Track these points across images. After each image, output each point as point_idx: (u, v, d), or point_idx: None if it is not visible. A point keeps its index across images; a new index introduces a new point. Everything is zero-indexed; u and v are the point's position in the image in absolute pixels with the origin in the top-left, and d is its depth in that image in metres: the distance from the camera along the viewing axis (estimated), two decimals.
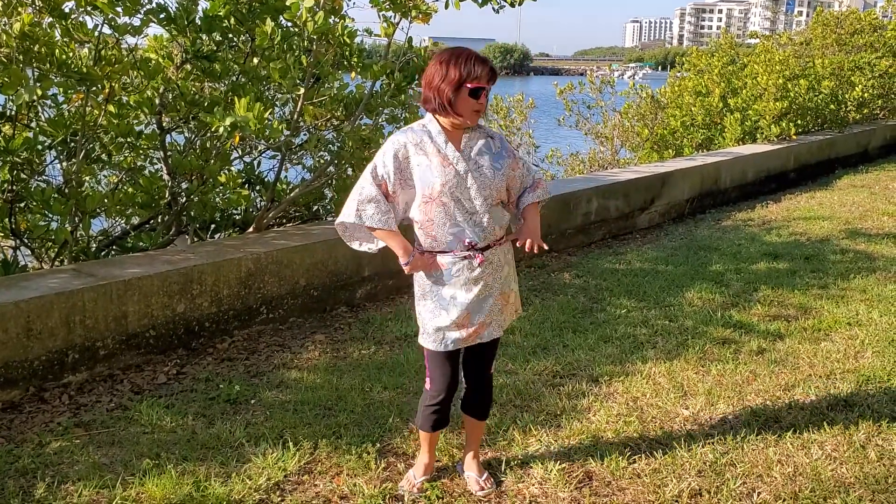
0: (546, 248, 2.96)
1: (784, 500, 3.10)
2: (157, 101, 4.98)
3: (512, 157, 2.96)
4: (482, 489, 3.16)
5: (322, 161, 5.98)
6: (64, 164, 4.95)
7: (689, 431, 3.65)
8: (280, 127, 4.74)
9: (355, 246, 3.02)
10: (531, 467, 3.32)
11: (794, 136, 10.48)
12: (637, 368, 4.32)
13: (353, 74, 5.41)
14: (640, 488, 3.18)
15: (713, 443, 3.53)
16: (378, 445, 3.47)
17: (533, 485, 3.21)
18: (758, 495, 3.14)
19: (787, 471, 3.31)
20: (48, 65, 4.29)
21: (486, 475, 3.22)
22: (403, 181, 2.83)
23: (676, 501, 3.10)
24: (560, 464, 3.32)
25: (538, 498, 3.13)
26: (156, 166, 5.50)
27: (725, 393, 4.03)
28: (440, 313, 2.92)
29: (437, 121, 2.84)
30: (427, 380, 3.05)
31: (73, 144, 4.74)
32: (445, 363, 2.99)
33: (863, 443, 3.54)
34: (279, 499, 3.08)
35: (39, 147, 4.66)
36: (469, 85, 2.73)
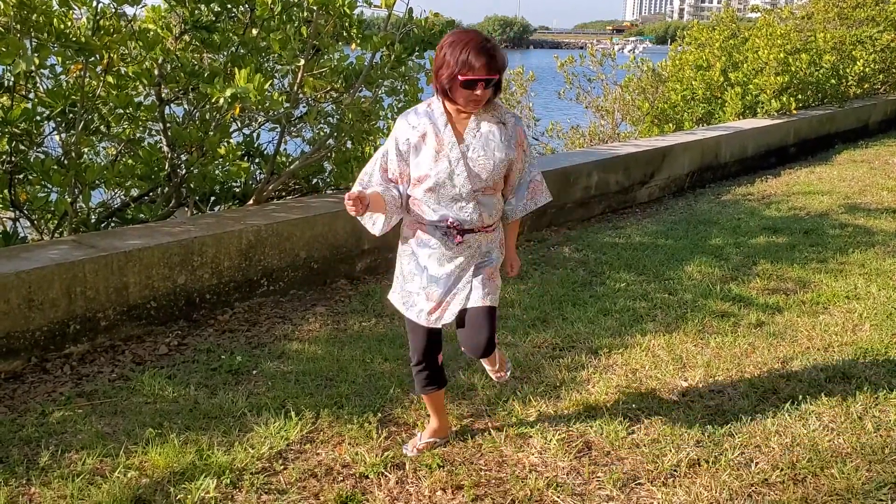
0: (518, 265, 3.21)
1: (782, 469, 3.14)
2: (156, 72, 4.95)
3: (521, 150, 2.90)
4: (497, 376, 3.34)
5: (321, 133, 5.95)
6: (63, 135, 4.92)
7: (687, 403, 3.68)
8: (280, 98, 4.71)
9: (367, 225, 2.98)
10: (531, 437, 3.35)
11: (795, 111, 10.43)
12: (636, 341, 4.35)
13: (353, 46, 5.36)
14: (638, 458, 3.22)
15: (711, 414, 3.56)
16: (379, 415, 3.50)
17: (532, 454, 3.24)
18: (755, 465, 3.18)
19: (784, 441, 3.34)
20: (46, 34, 4.26)
21: (498, 366, 3.29)
22: (404, 163, 2.86)
23: (675, 471, 3.13)
24: (559, 434, 3.36)
25: (538, 467, 3.16)
26: (155, 138, 5.48)
27: (724, 365, 4.06)
28: (413, 278, 2.98)
29: (444, 103, 2.81)
30: (409, 343, 3.12)
31: (71, 115, 4.71)
32: (418, 329, 3.03)
33: (860, 414, 3.57)
34: (282, 467, 3.11)
35: (38, 118, 4.63)
36: (461, 77, 2.64)
